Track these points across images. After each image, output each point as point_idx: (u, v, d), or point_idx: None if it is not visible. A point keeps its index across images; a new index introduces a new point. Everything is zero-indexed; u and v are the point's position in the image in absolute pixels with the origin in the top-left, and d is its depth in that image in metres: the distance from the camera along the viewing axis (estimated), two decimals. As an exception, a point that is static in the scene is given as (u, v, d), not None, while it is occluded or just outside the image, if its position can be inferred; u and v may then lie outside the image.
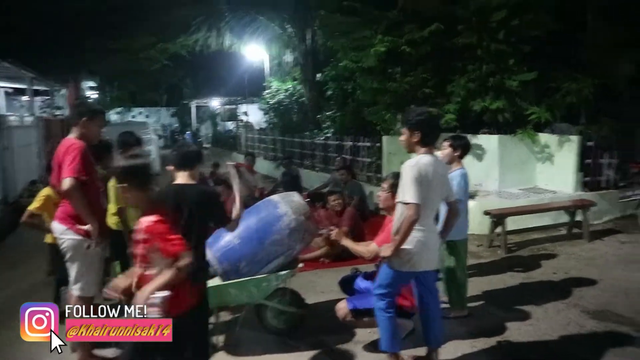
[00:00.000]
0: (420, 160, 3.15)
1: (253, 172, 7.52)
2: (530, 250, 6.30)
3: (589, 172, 7.86)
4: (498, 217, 6.28)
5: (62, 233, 3.42)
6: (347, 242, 3.73)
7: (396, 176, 3.48)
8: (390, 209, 3.53)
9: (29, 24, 19.20)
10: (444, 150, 4.32)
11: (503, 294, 4.87)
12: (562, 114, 8.30)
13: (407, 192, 3.07)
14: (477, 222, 6.85)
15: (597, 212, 7.30)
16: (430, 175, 3.11)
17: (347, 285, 4.04)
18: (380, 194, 3.76)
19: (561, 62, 8.33)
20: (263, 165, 14.53)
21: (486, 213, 6.38)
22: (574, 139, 7.64)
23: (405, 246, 3.12)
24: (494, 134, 8.25)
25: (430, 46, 8.57)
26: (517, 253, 6.21)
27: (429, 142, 3.23)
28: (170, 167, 3.08)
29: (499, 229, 6.30)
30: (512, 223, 6.47)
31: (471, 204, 7.12)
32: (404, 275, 3.26)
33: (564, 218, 6.97)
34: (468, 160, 8.23)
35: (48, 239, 4.36)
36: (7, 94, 18.80)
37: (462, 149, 4.37)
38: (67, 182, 3.25)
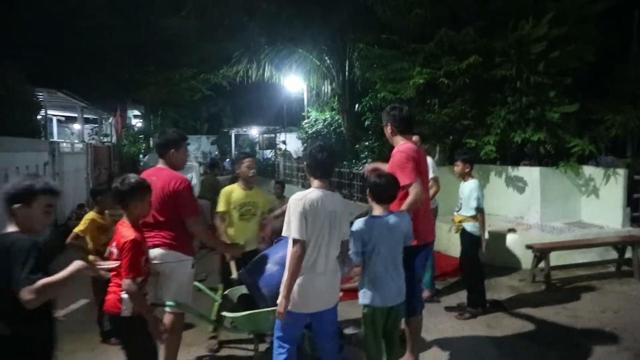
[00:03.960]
0: (308, 194, 3.06)
1: (282, 199, 7.67)
2: (575, 287, 6.06)
3: (637, 207, 7.56)
4: (541, 252, 6.10)
5: (164, 256, 3.55)
6: None
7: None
8: None
9: (80, 57, 20.32)
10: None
11: (547, 332, 4.69)
12: (606, 147, 8.09)
13: (292, 228, 2.99)
14: (519, 256, 6.72)
15: (647, 249, 6.99)
16: (321, 211, 3.01)
17: None
18: None
19: (604, 94, 8.17)
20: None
21: (528, 247, 6.22)
22: (621, 172, 7.40)
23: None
24: (535, 165, 8.09)
25: (468, 78, 8.58)
26: (561, 289, 5.99)
27: (320, 176, 3.16)
28: None
29: (542, 264, 6.11)
30: (555, 258, 6.27)
31: (512, 237, 7.00)
32: (295, 315, 3.07)
33: (612, 255, 6.70)
34: (508, 192, 8.21)
35: (90, 259, 4.53)
36: (59, 122, 19.81)
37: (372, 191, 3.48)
38: (193, 222, 3.65)
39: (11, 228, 2.37)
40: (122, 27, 19.80)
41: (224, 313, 3.84)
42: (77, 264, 2.37)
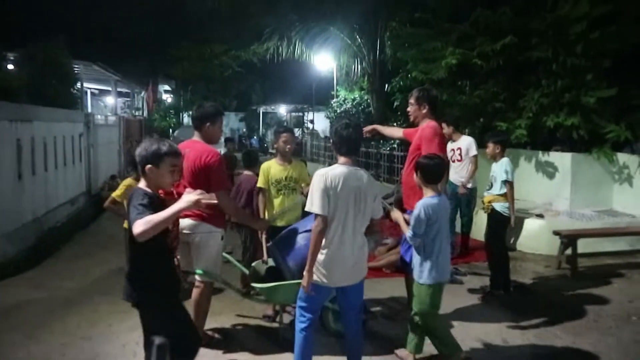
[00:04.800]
0: (331, 170, 3.12)
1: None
2: (603, 275, 5.97)
3: (672, 197, 7.36)
4: (568, 238, 6.03)
5: (195, 227, 3.67)
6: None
7: None
8: None
9: (114, 29, 20.63)
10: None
11: (572, 319, 4.65)
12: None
13: (314, 202, 3.06)
14: (545, 242, 6.65)
15: (680, 240, 6.82)
16: (341, 187, 3.05)
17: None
18: None
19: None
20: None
21: (556, 233, 6.16)
22: (657, 160, 7.20)
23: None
24: (567, 151, 7.93)
25: (502, 59, 8.40)
26: (588, 277, 5.91)
27: (345, 153, 3.20)
28: None
29: (568, 251, 6.05)
30: (583, 246, 6.18)
31: (540, 222, 6.93)
32: (319, 288, 3.14)
33: (643, 244, 6.57)
34: (538, 177, 8.08)
35: (126, 224, 4.68)
36: (92, 94, 20.25)
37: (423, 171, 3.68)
38: (220, 195, 3.61)
39: (141, 184, 2.76)
40: (156, 2, 19.97)
41: (253, 284, 3.97)
42: (185, 199, 2.58)
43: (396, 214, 3.69)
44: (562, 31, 7.71)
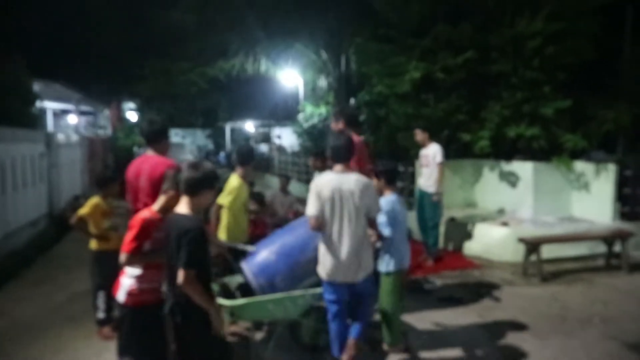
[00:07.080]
0: (321, 176, 3.61)
1: (287, 193, 7.63)
2: (566, 279, 6.18)
3: (627, 202, 7.69)
4: (533, 245, 6.21)
5: None
6: None
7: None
8: None
9: (77, 47, 20.24)
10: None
11: (539, 323, 4.79)
12: (599, 142, 8.20)
13: (308, 205, 3.54)
14: (510, 250, 6.82)
15: (636, 244, 7.10)
16: (327, 191, 3.46)
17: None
18: None
19: (598, 90, 8.27)
20: (295, 188, 14.68)
21: (520, 240, 6.33)
22: (611, 167, 7.52)
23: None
24: (529, 160, 8.20)
25: (464, 73, 8.66)
26: (552, 282, 6.10)
27: (338, 160, 3.60)
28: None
29: (533, 257, 6.22)
30: (547, 252, 6.38)
31: (505, 231, 7.11)
32: (326, 284, 3.57)
33: (602, 248, 6.81)
34: (502, 186, 8.31)
35: (92, 244, 4.55)
36: (54, 114, 19.71)
37: (386, 175, 4.18)
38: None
39: (184, 209, 2.68)
40: (121, 20, 19.73)
41: (223, 301, 3.91)
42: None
43: None
44: (520, 46, 8.03)
